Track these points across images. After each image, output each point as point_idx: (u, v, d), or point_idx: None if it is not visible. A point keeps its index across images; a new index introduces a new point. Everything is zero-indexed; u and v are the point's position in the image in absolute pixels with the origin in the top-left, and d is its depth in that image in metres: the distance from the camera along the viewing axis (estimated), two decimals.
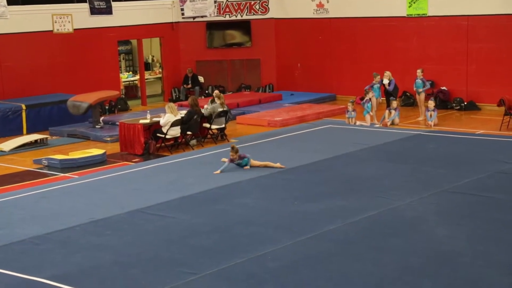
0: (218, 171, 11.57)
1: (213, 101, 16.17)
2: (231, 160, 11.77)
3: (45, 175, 12.88)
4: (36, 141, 15.73)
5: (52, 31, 19.04)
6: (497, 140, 13.78)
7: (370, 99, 16.77)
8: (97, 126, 16.82)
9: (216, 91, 16.99)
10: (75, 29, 19.39)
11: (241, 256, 7.73)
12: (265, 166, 11.80)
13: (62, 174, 12.77)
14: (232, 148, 11.78)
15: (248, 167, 11.75)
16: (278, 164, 11.82)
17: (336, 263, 7.52)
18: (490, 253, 7.66)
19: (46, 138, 16.05)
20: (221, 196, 10.22)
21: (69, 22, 19.27)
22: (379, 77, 17.51)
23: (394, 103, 16.86)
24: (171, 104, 15.24)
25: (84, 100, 16.83)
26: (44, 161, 13.62)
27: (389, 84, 17.36)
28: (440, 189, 10.16)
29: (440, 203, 9.52)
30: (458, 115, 18.17)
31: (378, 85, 17.47)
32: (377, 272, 7.26)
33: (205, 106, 15.97)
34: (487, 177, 10.74)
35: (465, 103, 18.71)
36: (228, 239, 8.39)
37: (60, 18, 19.14)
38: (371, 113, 16.75)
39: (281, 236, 8.38)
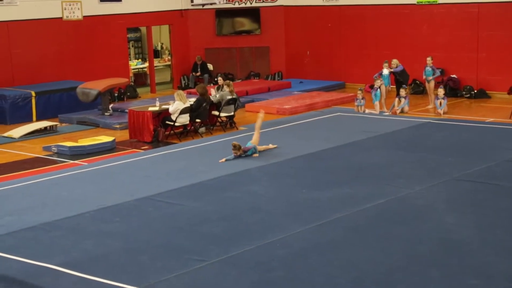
0: (223, 160, 11.56)
1: (219, 88, 16.21)
2: (236, 157, 11.67)
3: (55, 162, 12.94)
4: (45, 128, 15.80)
5: (61, 18, 19.07)
6: (507, 128, 13.72)
7: (379, 87, 16.72)
8: (106, 114, 16.87)
9: (220, 78, 17.01)
10: (84, 16, 19.41)
11: (249, 243, 7.75)
12: (266, 149, 11.90)
13: (72, 161, 12.83)
14: (234, 146, 11.59)
15: (257, 154, 11.75)
16: (271, 145, 12.07)
17: (344, 251, 7.54)
18: (498, 241, 7.65)
19: (56, 125, 16.12)
20: (230, 184, 10.24)
21: (78, 9, 19.29)
22: (387, 64, 17.46)
23: (403, 91, 16.81)
24: (180, 91, 15.26)
25: (93, 87, 16.87)
26: (54, 148, 13.68)
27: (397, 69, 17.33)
28: (449, 177, 10.14)
29: (448, 191, 9.51)
30: (468, 103, 18.10)
31: (388, 73, 17.42)
32: (385, 260, 7.27)
33: (213, 93, 16.00)
34: (496, 165, 10.71)
35: (475, 91, 18.64)
36: (237, 226, 8.42)
37: (70, 5, 19.15)
38: (381, 101, 16.71)
39: (289, 223, 8.39)
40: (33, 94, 17.37)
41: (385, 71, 17.36)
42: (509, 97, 16.58)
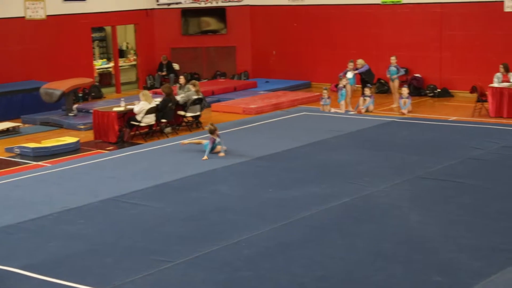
0: (206, 157, 11.56)
1: (181, 87, 16.17)
2: (213, 141, 11.74)
3: (18, 163, 12.76)
4: (8, 129, 15.55)
5: (24, 17, 18.80)
6: (469, 127, 13.93)
7: (344, 86, 16.83)
8: (70, 114, 16.67)
9: (182, 77, 16.97)
10: (48, 16, 19.16)
11: (216, 243, 7.75)
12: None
13: (35, 163, 12.66)
14: (211, 130, 11.66)
15: (224, 148, 11.71)
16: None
17: (310, 249, 7.57)
18: (461, 238, 7.77)
19: (19, 126, 15.89)
20: (196, 184, 10.21)
21: (41, 8, 19.04)
22: (353, 64, 17.59)
23: (368, 91, 16.94)
24: (146, 91, 15.18)
25: (57, 87, 16.66)
26: (17, 150, 13.49)
27: (362, 69, 17.46)
28: (413, 175, 10.26)
29: (413, 189, 9.62)
30: (431, 102, 18.32)
31: (353, 72, 17.54)
32: (351, 258, 7.33)
33: (178, 93, 15.95)
34: (459, 163, 10.86)
35: (439, 90, 18.86)
36: (203, 226, 8.40)
37: (33, 4, 18.89)
38: (346, 100, 16.82)
39: (255, 223, 8.40)
40: None
41: (350, 73, 17.47)
42: (472, 96, 16.82)
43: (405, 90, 16.80)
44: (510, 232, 7.94)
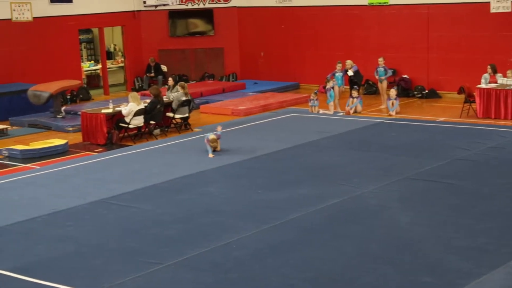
0: (211, 155, 11.72)
1: (169, 88, 16.16)
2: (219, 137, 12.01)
3: (6, 166, 12.69)
4: None
5: (10, 19, 18.70)
6: (457, 128, 14.00)
7: (332, 87, 16.86)
8: (58, 116, 16.61)
9: (170, 79, 16.97)
10: (34, 18, 19.06)
11: (205, 245, 7.73)
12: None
13: (23, 165, 12.60)
14: (213, 140, 11.90)
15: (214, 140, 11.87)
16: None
17: (300, 251, 7.57)
18: (450, 239, 7.80)
19: (6, 128, 15.80)
20: (185, 186, 10.20)
21: (28, 10, 18.94)
22: (341, 65, 17.62)
23: (355, 92, 16.99)
24: (134, 93, 15.14)
25: (45, 89, 16.59)
26: (5, 152, 13.42)
27: (352, 70, 17.49)
28: (402, 176, 10.29)
29: (401, 190, 9.64)
30: (419, 103, 18.39)
31: (341, 73, 17.58)
32: (341, 259, 7.34)
33: (168, 94, 15.92)
34: (447, 164, 10.90)
35: (426, 91, 18.94)
36: (192, 228, 8.39)
37: (19, 6, 18.80)
38: (334, 101, 16.85)
39: (245, 224, 8.40)
40: None
41: (338, 74, 17.51)
42: (459, 96, 16.90)
43: (393, 92, 16.85)
44: (499, 232, 7.97)
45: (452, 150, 11.73)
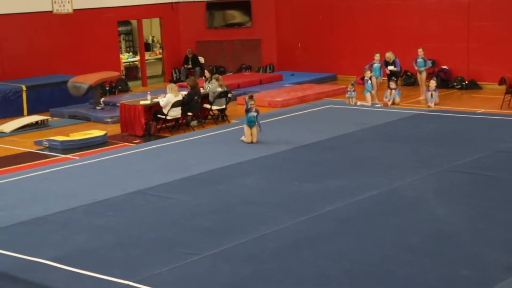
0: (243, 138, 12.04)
1: (207, 80, 16.23)
2: (248, 110, 11.96)
3: (46, 156, 12.90)
4: (37, 122, 15.74)
5: (51, 11, 18.96)
6: (497, 119, 13.77)
7: (369, 78, 16.72)
8: (97, 107, 16.81)
9: (206, 71, 17.04)
10: (74, 10, 19.30)
11: (242, 236, 7.75)
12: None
13: (63, 156, 12.79)
14: (251, 97, 11.96)
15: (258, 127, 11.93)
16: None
17: (336, 243, 7.55)
18: (489, 232, 7.69)
19: (47, 119, 16.05)
20: (222, 177, 10.23)
21: (68, 2, 19.19)
22: (379, 56, 17.46)
23: (393, 84, 16.82)
24: (172, 84, 15.23)
25: (84, 81, 16.80)
26: (45, 143, 13.64)
27: (394, 65, 17.30)
28: (441, 168, 10.17)
29: (440, 183, 9.53)
30: (459, 94, 18.13)
31: (379, 64, 17.42)
32: (378, 251, 7.29)
33: (205, 85, 15.99)
34: (487, 156, 10.74)
35: (466, 82, 18.67)
36: (229, 219, 8.42)
37: None
38: (372, 92, 16.71)
39: (282, 216, 8.40)
40: (24, 88, 17.28)
41: (377, 64, 17.36)
42: (500, 87, 16.63)
43: (432, 83, 16.64)
44: None
45: (492, 142, 11.55)
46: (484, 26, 18.44)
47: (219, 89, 15.37)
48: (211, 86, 15.56)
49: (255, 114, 11.99)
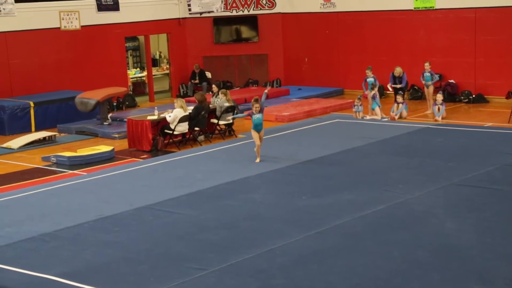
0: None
1: (214, 95, 16.27)
2: (251, 114, 11.93)
3: (54, 172, 12.93)
4: (44, 138, 15.78)
5: (59, 28, 19.09)
6: (505, 133, 13.73)
7: (377, 93, 16.73)
8: (105, 123, 16.86)
9: (214, 86, 17.08)
10: (82, 26, 19.42)
11: (249, 251, 7.74)
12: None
13: (71, 171, 12.82)
14: (256, 100, 11.92)
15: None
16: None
17: (344, 258, 7.52)
18: (498, 246, 7.65)
19: (55, 135, 16.10)
20: (229, 192, 10.23)
21: (76, 19, 19.31)
22: (370, 71, 17.37)
23: (400, 98, 16.83)
24: (181, 99, 15.23)
25: (91, 97, 16.87)
26: (53, 158, 13.67)
27: (400, 81, 17.29)
28: (448, 182, 10.14)
29: (448, 196, 9.50)
30: (466, 108, 18.11)
31: (372, 79, 17.35)
32: (386, 266, 7.26)
33: (212, 100, 16.03)
34: (495, 170, 10.71)
35: (473, 95, 18.65)
36: (236, 234, 8.41)
37: (67, 15, 19.17)
38: (379, 106, 16.72)
39: (289, 231, 8.38)
40: (32, 104, 17.35)
41: (370, 79, 17.32)
42: (507, 101, 16.60)
43: (439, 97, 16.63)
44: None
45: (500, 156, 11.52)
46: (491, 40, 18.44)
47: (227, 104, 15.40)
48: (218, 101, 15.60)
49: (259, 116, 11.96)
